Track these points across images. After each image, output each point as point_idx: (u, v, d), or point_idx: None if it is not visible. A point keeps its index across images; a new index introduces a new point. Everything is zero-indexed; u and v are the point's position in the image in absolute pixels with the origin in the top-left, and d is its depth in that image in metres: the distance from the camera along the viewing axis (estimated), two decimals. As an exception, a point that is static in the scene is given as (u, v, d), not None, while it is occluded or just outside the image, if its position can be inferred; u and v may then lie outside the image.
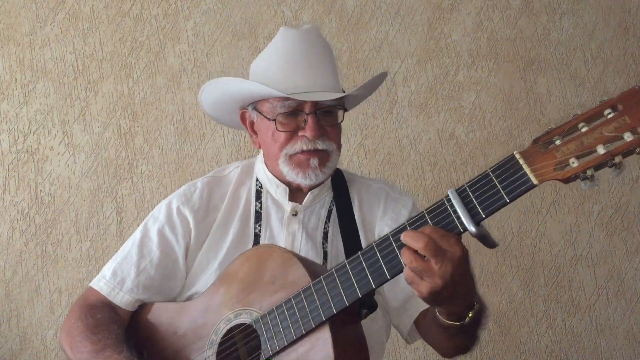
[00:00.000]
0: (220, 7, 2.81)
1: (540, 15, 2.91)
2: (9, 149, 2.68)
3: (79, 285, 2.59)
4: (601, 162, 0.92)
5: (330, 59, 1.56)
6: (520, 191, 0.99)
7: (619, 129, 0.90)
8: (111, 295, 1.52)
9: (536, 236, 2.78)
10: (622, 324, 2.76)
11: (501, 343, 2.72)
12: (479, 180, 1.02)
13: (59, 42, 2.74)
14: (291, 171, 1.50)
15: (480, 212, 1.02)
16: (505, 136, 2.81)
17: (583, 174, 0.94)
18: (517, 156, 0.99)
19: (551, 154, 0.95)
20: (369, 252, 1.14)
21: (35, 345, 2.58)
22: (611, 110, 0.92)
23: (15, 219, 2.64)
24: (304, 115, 1.47)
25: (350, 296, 1.16)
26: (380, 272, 1.12)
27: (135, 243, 1.57)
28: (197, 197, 1.58)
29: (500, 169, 1.00)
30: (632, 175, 2.84)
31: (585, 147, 0.93)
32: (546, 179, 0.96)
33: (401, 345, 2.66)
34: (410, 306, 1.49)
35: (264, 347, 1.27)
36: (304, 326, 1.21)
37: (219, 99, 1.60)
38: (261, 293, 1.32)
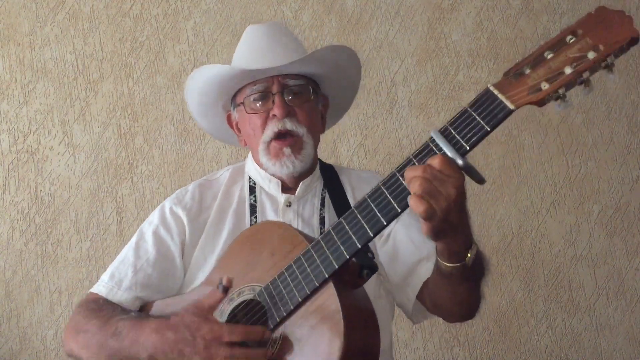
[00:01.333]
0: (220, 7, 2.81)
1: (540, 15, 2.91)
2: (9, 149, 2.68)
3: (79, 285, 2.59)
4: (570, 80, 0.99)
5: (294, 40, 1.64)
6: (499, 118, 1.03)
7: (582, 49, 0.99)
8: (110, 295, 1.52)
9: (536, 236, 2.78)
10: (622, 324, 2.76)
11: (501, 343, 2.72)
12: (459, 117, 1.06)
13: (59, 42, 2.74)
14: (269, 161, 1.54)
15: (464, 145, 1.05)
16: (505, 136, 2.81)
17: (555, 94, 1.00)
18: (492, 88, 1.05)
19: (523, 82, 1.02)
20: (362, 204, 1.15)
21: (35, 345, 2.58)
22: (572, 35, 1.01)
23: (15, 219, 2.64)
24: (272, 96, 1.53)
25: (349, 248, 1.16)
26: (375, 219, 1.13)
27: (132, 246, 1.58)
28: (189, 197, 1.62)
29: (477, 103, 1.05)
30: (632, 175, 2.84)
31: (553, 70, 1.00)
32: (522, 104, 1.02)
33: (401, 345, 2.66)
34: (412, 279, 1.49)
35: (269, 315, 1.26)
36: (308, 286, 1.20)
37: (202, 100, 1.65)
38: (262, 268, 1.31)
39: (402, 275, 1.51)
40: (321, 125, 1.66)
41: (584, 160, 2.83)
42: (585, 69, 0.99)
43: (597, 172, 2.83)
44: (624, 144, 2.86)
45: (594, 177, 2.83)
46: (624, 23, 0.97)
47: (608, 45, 0.97)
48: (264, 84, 1.53)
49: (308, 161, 1.56)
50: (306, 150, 1.54)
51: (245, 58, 1.59)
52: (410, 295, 1.51)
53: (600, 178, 2.83)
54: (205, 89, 1.61)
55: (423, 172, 1.05)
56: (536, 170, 2.82)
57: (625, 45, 0.97)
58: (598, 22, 0.99)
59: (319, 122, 1.65)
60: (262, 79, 1.54)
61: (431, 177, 1.05)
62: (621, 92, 2.88)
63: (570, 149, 2.84)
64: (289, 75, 1.54)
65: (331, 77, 1.62)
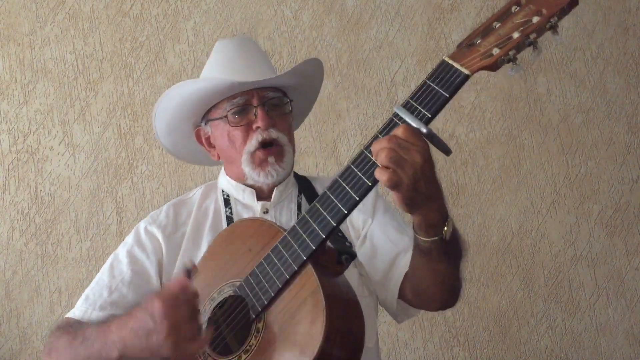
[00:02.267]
0: (220, 7, 2.81)
1: (540, 15, 2.91)
2: (9, 149, 2.68)
3: (79, 285, 2.59)
4: (519, 42, 1.06)
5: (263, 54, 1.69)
6: (456, 84, 1.08)
7: (527, 15, 1.07)
8: (84, 317, 1.49)
9: (536, 236, 2.78)
10: (622, 324, 2.76)
11: (501, 343, 2.72)
12: (419, 90, 1.12)
13: (59, 42, 2.74)
14: (252, 171, 1.56)
15: (426, 113, 1.10)
16: (505, 136, 2.81)
17: (507, 56, 1.07)
18: (446, 59, 1.11)
19: (475, 50, 1.09)
20: (334, 184, 1.17)
21: (35, 345, 2.58)
22: (516, 5, 1.09)
23: (15, 219, 2.64)
24: (253, 109, 1.55)
25: (324, 228, 1.17)
26: (348, 197, 1.14)
27: (106, 268, 1.57)
28: (163, 216, 1.62)
29: (434, 75, 1.11)
30: (632, 175, 2.84)
31: (502, 36, 1.08)
32: (476, 69, 1.08)
33: (401, 345, 2.66)
34: (393, 273, 1.50)
35: (250, 306, 1.26)
36: (287, 271, 1.21)
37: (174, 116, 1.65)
38: (241, 264, 1.32)
39: (382, 271, 1.51)
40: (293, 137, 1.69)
41: (584, 160, 2.83)
42: (531, 30, 1.06)
43: (597, 172, 2.83)
44: (624, 144, 2.86)
45: (594, 177, 2.83)
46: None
47: (550, 8, 1.05)
48: (244, 97, 1.55)
49: (289, 169, 1.60)
50: (287, 157, 1.58)
51: (221, 71, 1.60)
52: (393, 290, 1.51)
53: (600, 178, 2.83)
54: (181, 105, 1.61)
55: (388, 142, 1.09)
56: (536, 170, 2.82)
57: (566, 7, 1.05)
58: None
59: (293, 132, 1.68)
60: (241, 93, 1.56)
61: (396, 147, 1.08)
62: (621, 92, 2.88)
63: (570, 149, 2.84)
64: (267, 88, 1.57)
65: (298, 87, 1.66)
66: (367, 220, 1.57)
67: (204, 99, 1.59)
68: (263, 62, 1.65)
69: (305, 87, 1.69)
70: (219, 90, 1.55)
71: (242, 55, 1.63)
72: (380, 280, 1.52)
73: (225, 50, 1.67)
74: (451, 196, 2.67)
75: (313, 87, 1.75)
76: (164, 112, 1.66)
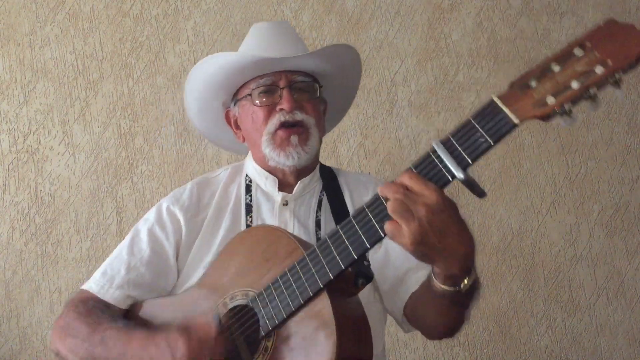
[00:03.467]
0: (220, 7, 2.81)
1: (540, 15, 2.91)
2: (9, 149, 2.68)
3: (79, 285, 2.57)
4: (577, 95, 0.96)
5: (299, 39, 1.64)
6: (502, 132, 1.00)
7: (590, 63, 0.95)
8: (101, 292, 1.50)
9: (536, 236, 2.78)
10: (622, 324, 2.76)
11: (501, 343, 2.72)
12: (462, 129, 1.03)
13: (59, 42, 2.74)
14: (273, 151, 1.52)
15: (466, 158, 1.02)
16: (505, 136, 2.81)
17: (561, 109, 0.97)
18: (496, 99, 1.01)
19: (529, 95, 0.99)
20: (361, 213, 1.12)
21: (35, 345, 2.58)
22: (580, 48, 0.97)
23: (15, 219, 2.64)
24: (279, 90, 1.52)
25: (345, 259, 1.14)
26: (373, 230, 1.10)
27: (126, 244, 1.57)
28: (186, 196, 1.60)
29: (480, 115, 1.02)
30: (632, 175, 2.84)
31: (560, 84, 0.97)
32: (526, 118, 0.99)
33: (401, 345, 2.66)
34: (401, 289, 1.48)
35: (262, 323, 1.24)
36: (302, 296, 1.19)
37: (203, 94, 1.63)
38: (256, 273, 1.30)
39: (391, 283, 1.49)
40: (323, 126, 1.65)
41: (584, 160, 2.83)
42: (592, 84, 0.95)
43: (597, 172, 2.83)
44: (624, 144, 2.86)
45: (594, 177, 2.83)
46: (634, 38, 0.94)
47: (617, 61, 0.94)
48: (271, 78, 1.52)
49: (312, 154, 1.54)
50: (312, 142, 1.53)
51: (252, 50, 1.57)
52: (399, 305, 1.50)
53: (600, 178, 2.83)
54: (210, 80, 1.59)
55: (394, 192, 1.03)
56: (536, 170, 2.82)
57: (634, 61, 0.94)
58: (607, 35, 0.96)
59: (323, 121, 1.64)
60: (269, 73, 1.53)
61: (401, 197, 1.02)
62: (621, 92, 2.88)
63: (570, 149, 2.84)
64: (296, 72, 1.54)
65: (333, 77, 1.61)
66: None
67: (232, 75, 1.55)
68: (295, 45, 1.59)
69: (340, 78, 1.64)
70: (247, 66, 1.52)
71: (274, 36, 1.59)
72: (387, 291, 1.51)
73: (260, 31, 1.63)
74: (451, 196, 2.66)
75: (349, 80, 1.69)
76: (194, 89, 1.63)
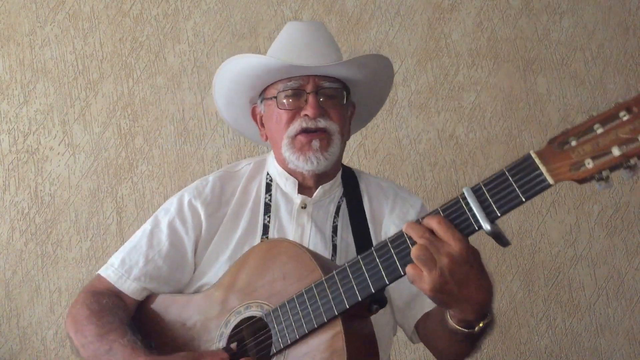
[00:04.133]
0: (220, 7, 2.81)
1: (540, 15, 2.91)
2: (9, 149, 2.68)
3: (79, 285, 2.59)
4: (616, 163, 0.93)
5: (332, 43, 1.61)
6: (536, 190, 0.99)
7: (634, 130, 0.91)
8: (119, 283, 1.52)
9: (536, 236, 2.78)
10: (622, 324, 2.76)
11: (501, 343, 2.72)
12: (495, 179, 1.03)
13: (59, 42, 2.74)
14: (292, 155, 1.52)
15: (496, 210, 1.02)
16: (505, 136, 2.81)
17: (598, 174, 0.95)
18: (534, 156, 0.99)
19: (567, 155, 0.96)
20: (383, 248, 1.13)
21: (35, 345, 2.58)
22: (626, 112, 0.92)
23: (15, 219, 2.64)
24: (305, 95, 1.51)
25: (363, 291, 1.15)
26: (393, 267, 1.11)
27: (145, 233, 1.57)
28: (208, 190, 1.60)
29: (516, 168, 1.01)
30: (632, 175, 2.84)
31: (600, 148, 0.93)
32: (562, 179, 0.97)
33: (401, 345, 2.66)
34: (414, 307, 1.49)
35: (274, 340, 1.26)
36: (316, 320, 1.20)
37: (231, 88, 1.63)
38: (272, 287, 1.31)
39: (405, 300, 1.50)
40: (348, 131, 1.64)
41: (584, 160, 2.83)
42: (634, 153, 0.91)
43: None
44: (624, 144, 2.85)
45: (594, 177, 2.82)
46: None
47: None
48: (298, 82, 1.52)
49: (333, 160, 1.54)
50: (333, 148, 1.52)
51: (284, 53, 1.56)
52: (410, 322, 1.51)
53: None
54: (238, 78, 1.59)
55: (420, 236, 1.03)
56: (536, 170, 2.81)
57: None
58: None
59: (348, 126, 1.63)
60: (297, 77, 1.52)
61: (426, 243, 1.03)
62: (621, 92, 2.88)
63: (570, 149, 2.84)
64: (325, 77, 1.53)
65: (364, 84, 1.61)
66: None
67: (259, 76, 1.55)
68: (328, 50, 1.58)
69: (371, 85, 1.63)
70: (272, 70, 1.52)
71: (307, 40, 1.58)
72: (400, 307, 1.51)
73: (293, 32, 1.62)
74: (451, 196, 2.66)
75: (380, 87, 1.68)
76: (222, 85, 1.63)
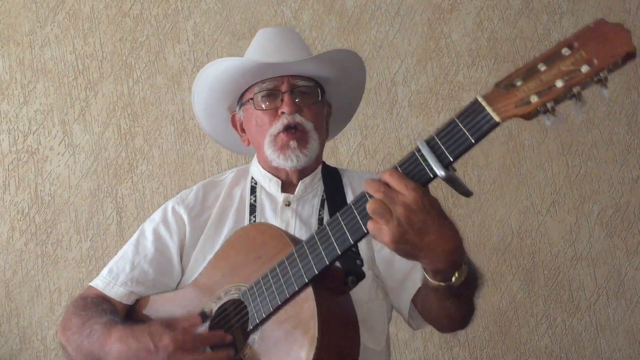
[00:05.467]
0: (220, 7, 2.81)
1: (540, 15, 2.91)
2: (9, 149, 2.68)
3: (79, 285, 2.59)
4: (560, 94, 0.97)
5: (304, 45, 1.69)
6: (484, 130, 1.01)
7: (576, 63, 0.96)
8: (106, 289, 1.56)
9: (536, 236, 2.78)
10: (622, 324, 2.76)
11: (501, 343, 2.72)
12: (446, 128, 1.05)
13: (59, 42, 2.74)
14: (274, 153, 1.56)
15: (448, 156, 1.04)
16: (505, 136, 2.81)
17: (543, 107, 0.98)
18: (479, 99, 1.02)
19: (512, 94, 1.00)
20: (347, 211, 1.15)
21: (35, 345, 2.58)
22: (568, 48, 0.98)
23: (15, 219, 2.64)
24: (281, 95, 1.56)
25: (329, 254, 1.16)
26: (357, 227, 1.12)
27: (132, 243, 1.63)
28: (192, 197, 1.66)
29: (464, 114, 1.03)
30: (632, 175, 2.84)
31: (544, 83, 0.98)
32: (508, 117, 1.00)
33: (401, 345, 2.66)
34: (407, 285, 1.50)
35: (250, 316, 1.28)
36: (288, 289, 1.22)
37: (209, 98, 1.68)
38: (249, 269, 1.33)
39: (398, 280, 1.52)
40: (325, 129, 1.68)
41: (584, 160, 2.83)
42: (576, 83, 0.96)
43: (597, 172, 2.83)
44: (624, 144, 2.86)
45: (594, 177, 2.83)
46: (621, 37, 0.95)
47: (602, 60, 0.94)
48: (273, 82, 1.57)
49: (312, 156, 1.58)
50: (312, 145, 1.57)
51: (257, 56, 1.62)
52: (405, 300, 1.52)
53: (600, 178, 2.83)
54: (215, 85, 1.64)
55: (375, 190, 1.05)
56: (536, 170, 2.82)
57: (620, 61, 0.94)
58: (595, 35, 0.97)
59: (324, 124, 1.67)
60: (271, 78, 1.57)
61: (381, 196, 1.04)
62: (621, 92, 2.88)
63: (570, 149, 2.84)
64: (298, 76, 1.58)
65: (337, 82, 1.65)
66: None
67: (236, 80, 1.60)
68: (299, 51, 1.63)
69: (346, 86, 1.68)
70: (250, 70, 1.56)
71: (278, 41, 1.65)
72: (394, 288, 1.53)
73: (265, 36, 1.69)
74: (451, 196, 2.67)
75: (354, 84, 1.73)
76: (200, 94, 1.68)
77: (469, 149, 1.03)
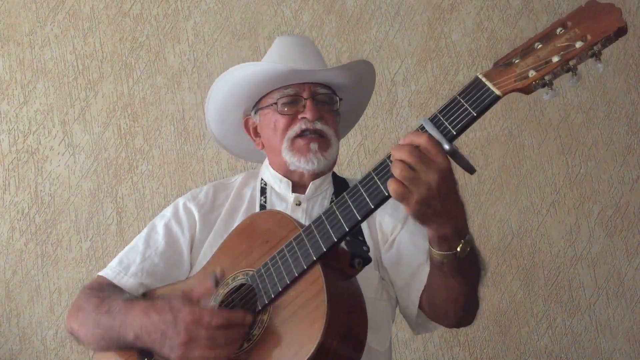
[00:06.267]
0: (220, 7, 2.81)
1: (540, 15, 2.91)
2: (9, 149, 2.68)
3: (79, 285, 2.58)
4: (557, 67, 1.02)
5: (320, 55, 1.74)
6: (485, 103, 1.05)
7: (570, 39, 1.02)
8: (116, 279, 1.58)
9: (536, 236, 2.78)
10: (622, 324, 2.76)
11: (501, 343, 2.72)
12: (448, 105, 1.09)
13: (59, 42, 2.74)
14: (293, 157, 1.59)
15: (451, 130, 1.08)
16: (505, 136, 2.81)
17: (542, 81, 1.03)
18: (480, 76, 1.07)
19: (511, 70, 1.05)
20: (353, 189, 1.18)
21: (35, 345, 2.58)
22: (562, 27, 1.04)
23: (15, 219, 2.64)
24: (303, 101, 1.59)
25: (337, 231, 1.19)
26: (363, 203, 1.15)
27: (142, 236, 1.65)
28: (202, 195, 1.69)
29: (466, 91, 1.08)
30: (632, 175, 2.84)
31: (541, 59, 1.03)
32: (508, 90, 1.04)
33: (401, 345, 2.66)
34: (415, 282, 1.51)
35: (259, 297, 1.29)
36: (296, 269, 1.24)
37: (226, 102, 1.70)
38: (256, 254, 1.36)
39: (405, 279, 1.53)
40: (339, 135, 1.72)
41: (584, 160, 2.83)
42: (572, 56, 1.01)
43: (597, 172, 2.83)
44: (624, 144, 2.86)
45: (594, 177, 2.83)
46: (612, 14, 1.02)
47: (595, 34, 1.01)
48: (295, 89, 1.60)
49: (331, 161, 1.63)
50: (332, 150, 1.61)
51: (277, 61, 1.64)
52: (414, 299, 1.52)
53: (600, 178, 2.83)
54: (234, 89, 1.66)
55: (408, 154, 1.07)
56: (536, 170, 2.82)
57: (612, 35, 1.00)
58: (588, 14, 1.03)
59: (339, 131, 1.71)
60: (293, 84, 1.60)
61: (414, 161, 1.07)
62: (621, 92, 2.88)
63: (570, 149, 2.84)
64: (319, 85, 1.62)
65: (349, 90, 1.69)
66: (397, 226, 1.58)
67: (258, 84, 1.63)
68: (318, 59, 1.69)
69: (356, 92, 1.72)
70: (274, 76, 1.59)
71: (299, 49, 1.68)
72: (402, 288, 1.54)
73: (284, 44, 1.72)
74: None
75: (364, 94, 1.78)
76: (217, 97, 1.70)
77: (472, 122, 1.07)
